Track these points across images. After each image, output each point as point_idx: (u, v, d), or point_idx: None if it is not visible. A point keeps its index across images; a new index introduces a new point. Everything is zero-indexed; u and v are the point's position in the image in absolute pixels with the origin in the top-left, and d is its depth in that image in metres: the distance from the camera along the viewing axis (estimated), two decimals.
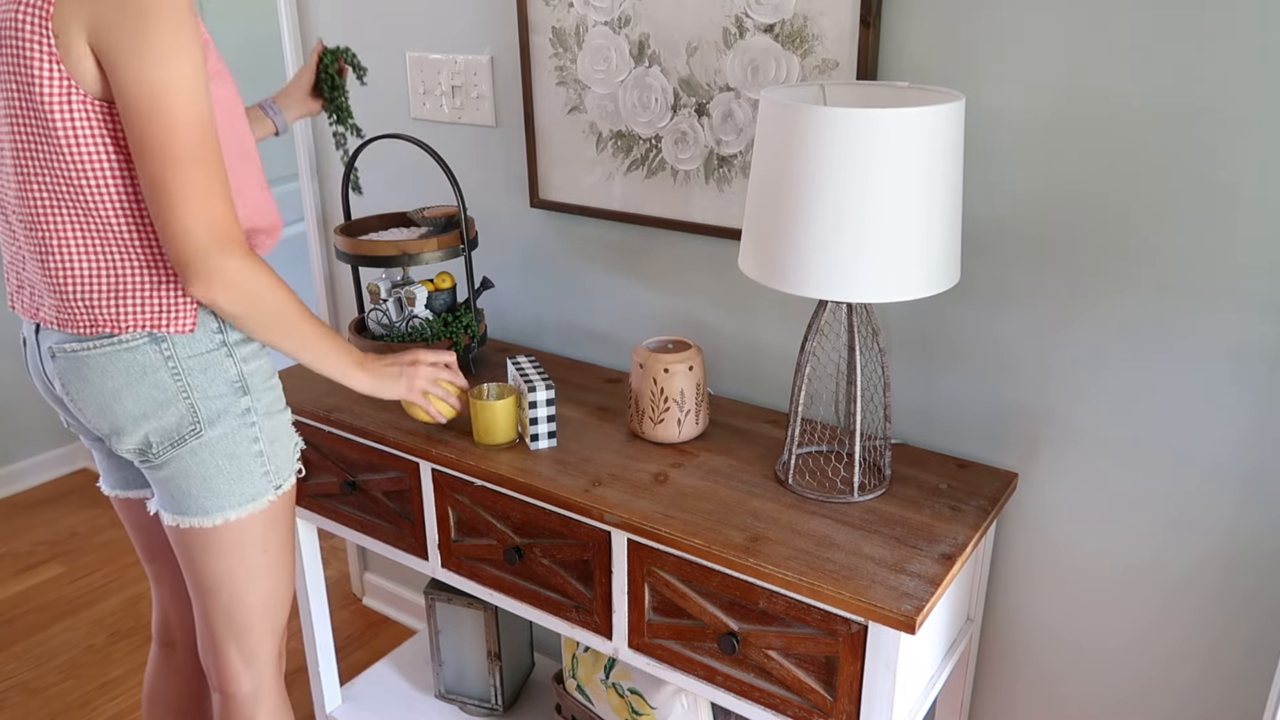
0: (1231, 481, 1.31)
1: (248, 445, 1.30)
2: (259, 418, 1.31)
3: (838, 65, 1.42)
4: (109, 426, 1.27)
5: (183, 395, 1.25)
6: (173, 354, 1.24)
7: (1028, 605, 1.53)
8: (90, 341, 1.23)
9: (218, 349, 1.27)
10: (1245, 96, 1.17)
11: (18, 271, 1.30)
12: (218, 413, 1.27)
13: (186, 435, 1.26)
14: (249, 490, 1.31)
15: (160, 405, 1.25)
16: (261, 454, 1.31)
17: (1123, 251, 1.30)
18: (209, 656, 1.43)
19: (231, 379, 1.28)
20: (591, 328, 1.87)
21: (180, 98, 1.10)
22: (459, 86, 1.87)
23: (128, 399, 1.25)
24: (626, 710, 1.70)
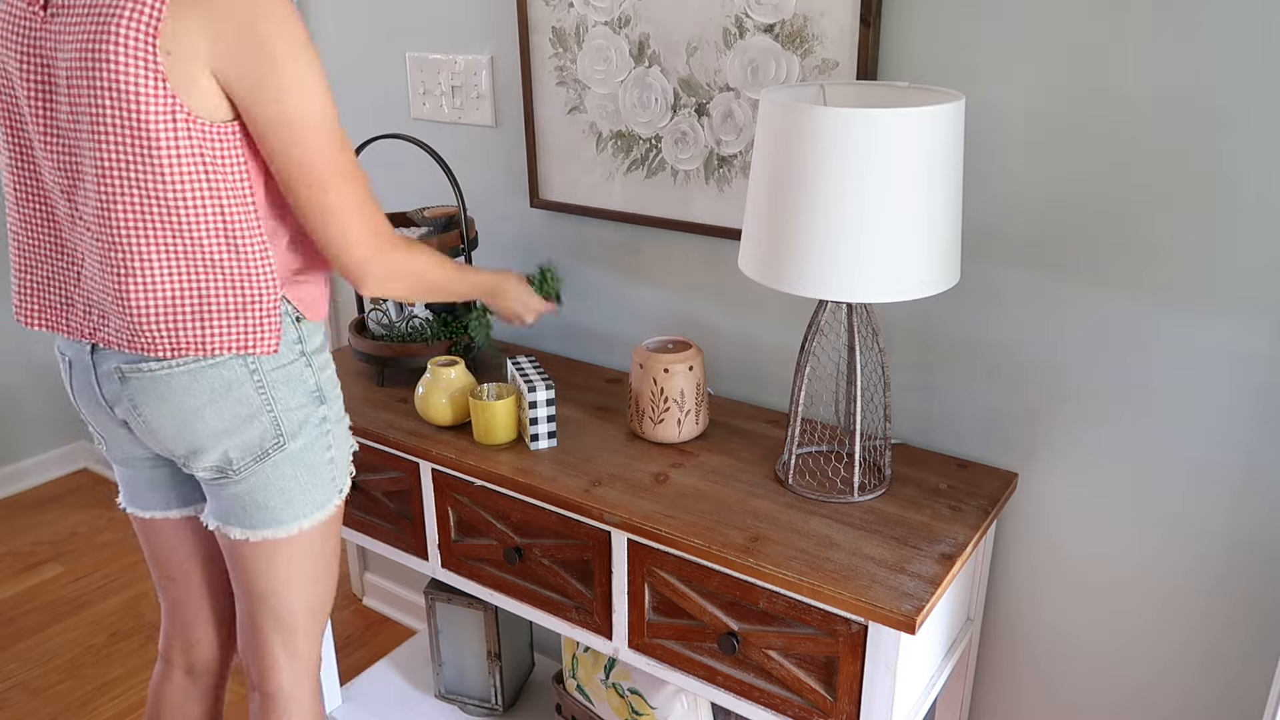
0: (1231, 481, 1.31)
1: (322, 454, 1.30)
2: (333, 425, 1.31)
3: (838, 65, 1.42)
4: (186, 447, 1.24)
5: (267, 409, 1.24)
6: (258, 368, 1.23)
7: (1028, 605, 1.53)
8: (172, 361, 1.20)
9: (297, 359, 1.26)
10: (1245, 96, 1.17)
11: (62, 286, 1.24)
12: (299, 424, 1.26)
13: (270, 449, 1.25)
14: (320, 498, 1.31)
15: (244, 420, 1.23)
16: (333, 461, 1.32)
17: (1123, 251, 1.30)
18: (250, 653, 1.42)
19: (310, 389, 1.28)
20: (591, 328, 1.87)
21: (322, 121, 1.13)
22: (459, 86, 1.87)
23: (210, 416, 1.22)
24: (626, 710, 1.70)
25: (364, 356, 1.72)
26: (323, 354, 1.31)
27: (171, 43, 1.07)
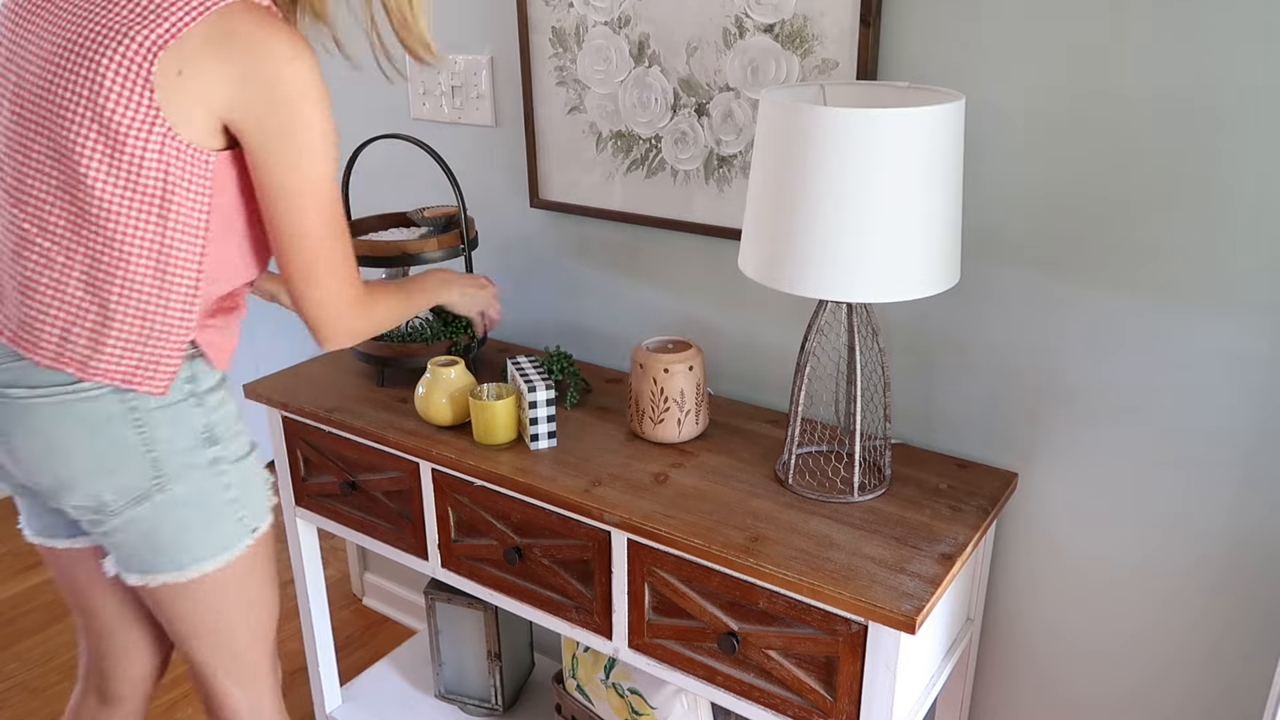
0: (1231, 481, 1.31)
1: (219, 494, 1.23)
2: (229, 465, 1.24)
3: (838, 65, 1.42)
4: (52, 480, 1.17)
5: (145, 450, 1.16)
6: (138, 405, 1.15)
7: (1028, 605, 1.53)
8: (41, 389, 1.13)
9: (185, 399, 1.19)
10: (1245, 97, 1.17)
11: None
12: (184, 466, 1.19)
13: (150, 491, 1.18)
14: (224, 539, 1.25)
15: (118, 461, 1.15)
16: (235, 500, 1.25)
17: (1123, 251, 1.30)
18: (201, 686, 1.39)
19: (198, 430, 1.20)
20: (591, 328, 1.87)
21: (324, 184, 1.14)
22: (459, 86, 1.87)
23: (80, 453, 1.14)
24: (626, 710, 1.70)
25: (364, 356, 1.72)
26: (217, 393, 1.24)
27: (185, 64, 1.05)
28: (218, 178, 1.12)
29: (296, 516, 1.83)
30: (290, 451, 1.77)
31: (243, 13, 1.07)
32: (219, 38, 1.05)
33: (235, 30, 1.06)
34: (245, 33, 1.06)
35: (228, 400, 1.26)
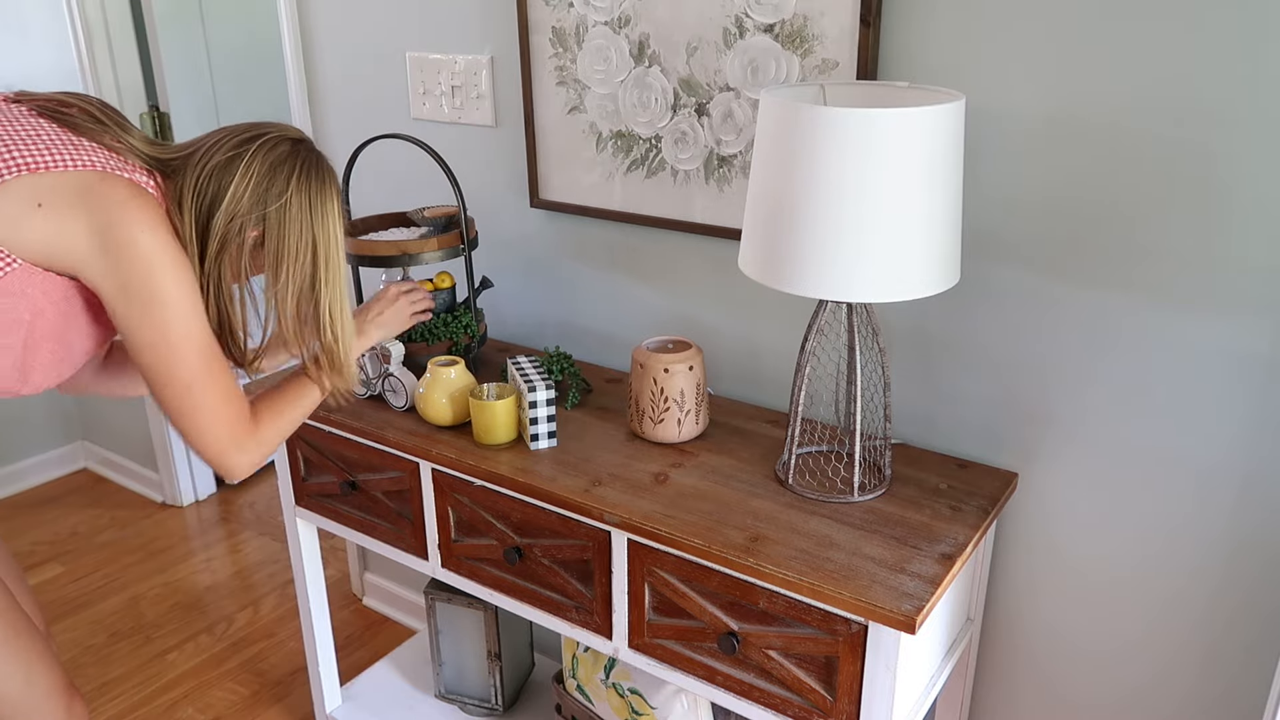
0: (1231, 481, 1.31)
1: None
2: None
3: (838, 65, 1.42)
4: None
5: None
6: None
7: (1028, 605, 1.53)
8: None
9: None
10: (1243, 98, 1.17)
11: None
12: None
13: None
14: None
15: None
16: None
17: (1121, 251, 1.30)
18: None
19: None
20: (591, 328, 1.87)
21: (184, 330, 1.18)
22: (459, 86, 1.87)
23: None
24: (626, 710, 1.70)
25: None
26: None
27: (47, 200, 1.12)
28: (9, 282, 1.15)
29: (296, 516, 1.83)
30: (290, 451, 1.77)
31: (121, 184, 1.17)
32: (90, 191, 1.14)
33: (106, 191, 1.15)
34: (114, 198, 1.15)
35: None
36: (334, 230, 1.30)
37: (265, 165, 1.24)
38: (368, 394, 1.68)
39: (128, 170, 1.19)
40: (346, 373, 1.39)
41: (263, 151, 1.25)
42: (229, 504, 3.08)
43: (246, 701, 2.24)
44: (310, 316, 1.32)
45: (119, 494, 3.15)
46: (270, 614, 2.55)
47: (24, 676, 1.35)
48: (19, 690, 1.35)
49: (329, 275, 1.30)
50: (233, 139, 1.25)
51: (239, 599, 2.61)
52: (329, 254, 1.30)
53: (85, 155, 1.17)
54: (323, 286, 1.30)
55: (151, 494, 3.12)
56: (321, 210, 1.28)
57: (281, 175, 1.25)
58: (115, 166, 1.18)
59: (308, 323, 1.32)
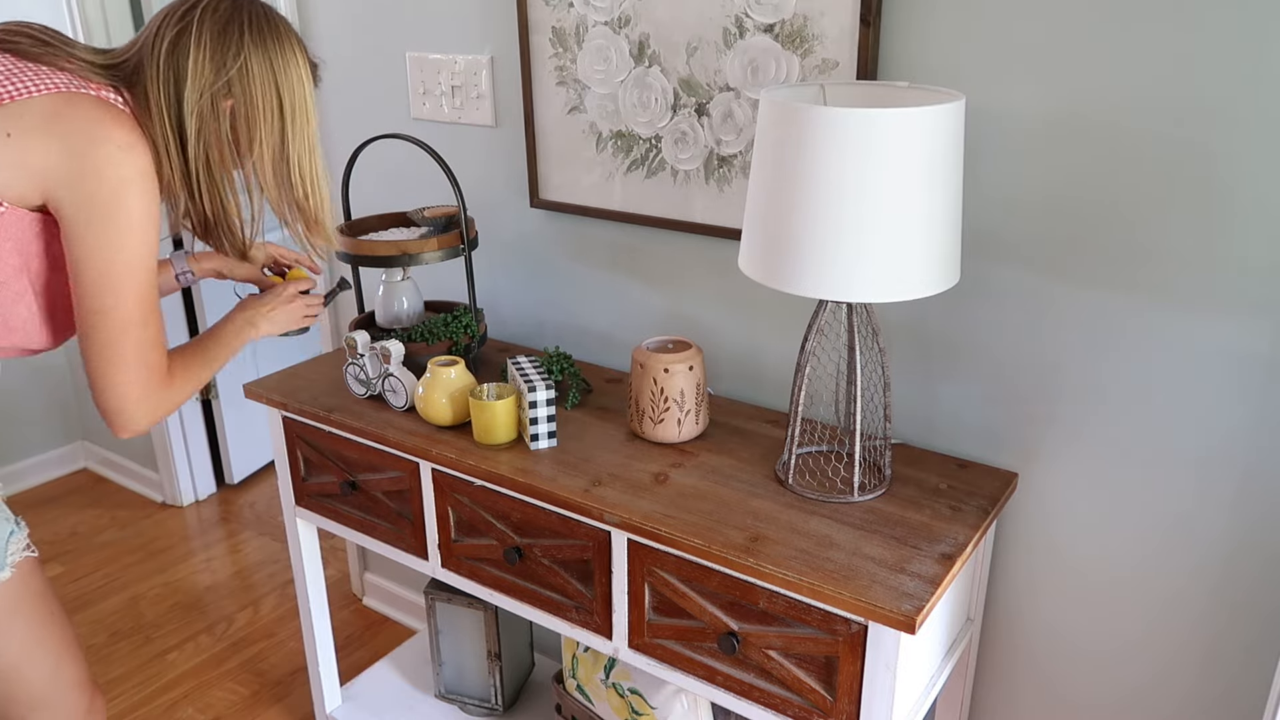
0: (1230, 481, 1.31)
1: None
2: None
3: (838, 65, 1.42)
4: None
5: None
6: None
7: (1028, 605, 1.53)
8: None
9: None
10: (1244, 97, 1.17)
11: None
12: None
13: None
14: None
15: None
16: None
17: (1122, 251, 1.30)
18: None
19: None
20: (591, 328, 1.87)
21: (132, 272, 1.15)
22: (459, 86, 1.87)
23: None
24: (626, 710, 1.70)
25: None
26: None
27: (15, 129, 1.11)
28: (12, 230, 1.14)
29: (296, 516, 1.83)
30: (290, 451, 1.77)
31: (86, 100, 1.14)
32: (58, 114, 1.12)
33: (75, 113, 1.13)
34: (85, 116, 1.13)
35: None
36: (296, 79, 1.26)
37: (214, 29, 1.20)
38: (367, 394, 1.68)
39: (92, 88, 1.17)
40: (324, 230, 1.36)
41: (208, 16, 1.21)
42: (229, 504, 3.08)
43: (246, 701, 2.24)
44: (284, 177, 1.29)
45: (119, 494, 3.15)
46: (270, 614, 2.55)
47: (52, 666, 1.35)
48: (45, 679, 1.34)
49: (296, 128, 1.27)
50: (174, 15, 1.22)
51: (239, 599, 2.61)
52: (295, 105, 1.26)
53: (45, 79, 1.15)
54: (292, 141, 1.27)
55: (151, 494, 3.12)
56: (282, 61, 1.24)
57: (234, 34, 1.21)
58: (77, 85, 1.16)
59: (284, 184, 1.29)
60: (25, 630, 1.30)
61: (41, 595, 1.33)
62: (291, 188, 1.29)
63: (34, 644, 1.32)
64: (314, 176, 1.31)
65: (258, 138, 1.24)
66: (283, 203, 1.32)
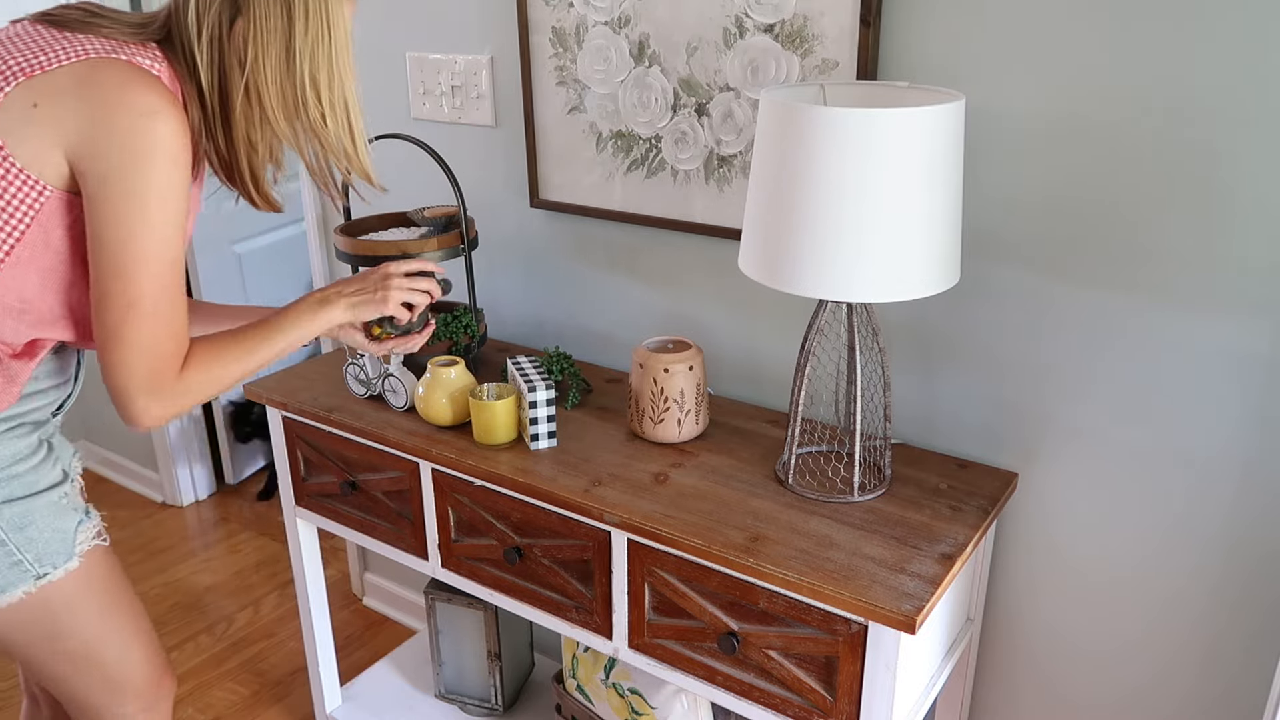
0: (1230, 480, 1.31)
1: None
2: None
3: (838, 65, 1.42)
4: None
5: None
6: None
7: (1028, 605, 1.53)
8: None
9: None
10: (1245, 97, 1.17)
11: None
12: None
13: None
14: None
15: None
16: (4, 543, 1.18)
17: (1122, 251, 1.30)
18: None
19: None
20: (591, 328, 1.87)
21: (153, 247, 1.08)
22: (459, 86, 1.87)
23: None
24: (626, 710, 1.70)
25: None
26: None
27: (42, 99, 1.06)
28: (47, 211, 1.10)
29: (296, 516, 1.83)
30: (290, 451, 1.77)
31: (115, 65, 1.08)
32: (84, 81, 1.07)
33: (102, 79, 1.07)
34: (111, 81, 1.07)
35: (4, 443, 1.19)
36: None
37: None
38: (367, 394, 1.68)
39: (125, 53, 1.10)
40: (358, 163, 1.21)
41: None
42: (229, 504, 3.08)
43: (246, 701, 2.24)
44: (292, 97, 1.15)
45: (119, 494, 3.15)
46: (270, 614, 2.55)
47: (120, 650, 1.34)
48: (114, 663, 1.33)
49: (309, 39, 1.13)
50: None
51: (239, 599, 2.61)
52: (309, 14, 1.13)
53: (76, 47, 1.09)
54: (302, 53, 1.13)
55: (151, 494, 3.12)
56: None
57: None
58: (109, 50, 1.09)
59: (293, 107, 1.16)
60: (95, 617, 1.30)
61: (111, 582, 1.32)
62: (302, 108, 1.15)
63: (103, 630, 1.31)
64: (333, 98, 1.17)
65: (259, 50, 1.12)
66: (298, 135, 1.18)
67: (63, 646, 1.27)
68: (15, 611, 1.22)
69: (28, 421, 1.23)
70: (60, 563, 1.23)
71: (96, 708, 1.35)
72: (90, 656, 1.30)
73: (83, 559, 1.26)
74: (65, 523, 1.24)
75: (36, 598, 1.22)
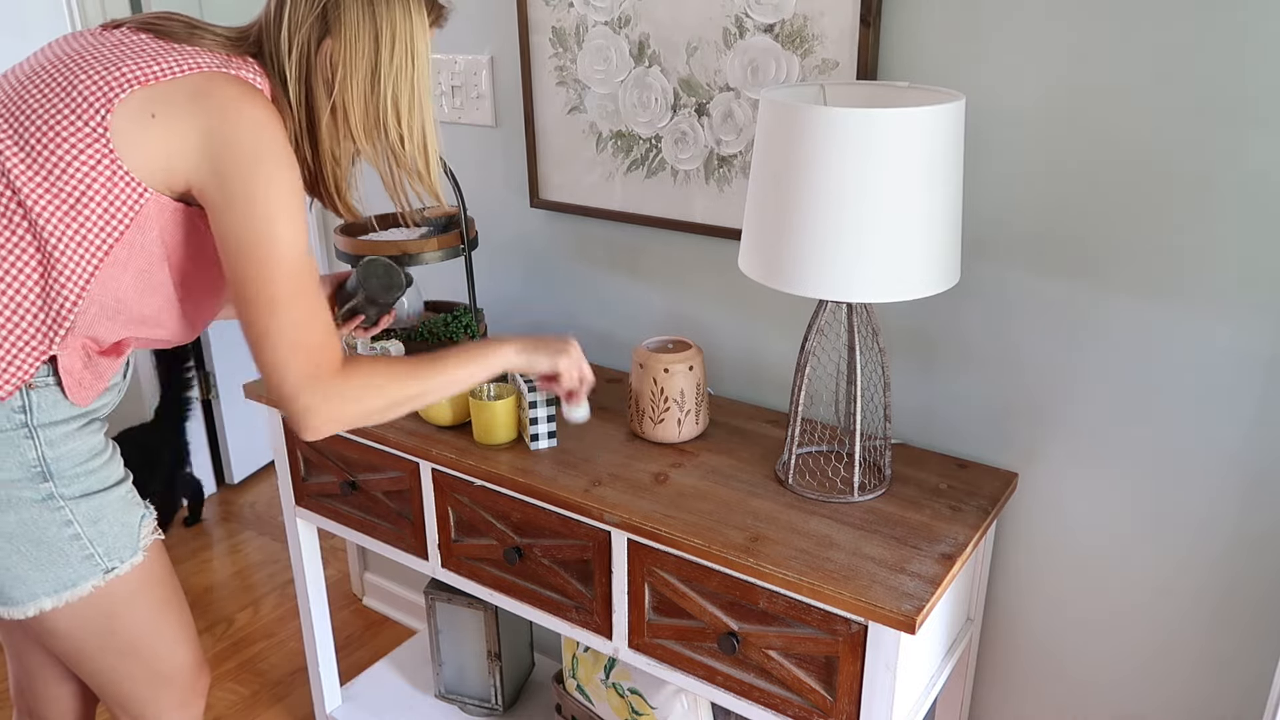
0: (1231, 481, 1.31)
1: (58, 530, 1.18)
2: (68, 502, 1.18)
3: (838, 65, 1.42)
4: None
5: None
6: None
7: (1028, 605, 1.53)
8: None
9: (16, 430, 1.14)
10: (1245, 97, 1.17)
11: None
12: (8, 499, 1.15)
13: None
14: (66, 576, 1.19)
15: None
16: (79, 537, 1.19)
17: (1122, 251, 1.30)
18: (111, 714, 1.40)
19: (29, 463, 1.15)
20: (591, 328, 1.87)
21: (283, 246, 1.10)
22: (459, 86, 1.87)
23: None
24: (626, 710, 1.70)
25: None
26: (60, 428, 1.18)
27: (160, 109, 1.09)
28: (145, 213, 1.11)
29: (296, 516, 1.83)
30: (290, 451, 1.77)
31: (228, 80, 1.13)
32: (202, 93, 1.11)
33: (214, 92, 1.11)
34: (227, 95, 1.11)
35: (76, 438, 1.20)
36: (401, 14, 1.17)
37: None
38: None
39: (233, 68, 1.15)
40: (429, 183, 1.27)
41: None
42: (229, 504, 3.08)
43: (246, 701, 2.24)
44: (375, 118, 1.20)
45: None
46: (270, 614, 2.55)
47: (169, 646, 1.35)
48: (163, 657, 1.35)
49: (394, 64, 1.18)
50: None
51: (239, 599, 2.61)
52: (395, 39, 1.17)
53: (190, 59, 1.13)
54: (386, 78, 1.18)
55: None
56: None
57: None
58: (220, 65, 1.14)
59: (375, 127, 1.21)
60: (151, 612, 1.31)
61: (166, 577, 1.34)
62: (384, 130, 1.21)
63: (155, 624, 1.33)
64: (412, 122, 1.22)
65: (348, 72, 1.17)
66: (377, 153, 1.23)
67: (115, 642, 1.29)
68: (78, 606, 1.23)
69: (99, 418, 1.26)
70: (127, 556, 1.25)
71: (141, 702, 1.36)
72: (140, 651, 1.32)
73: (145, 552, 1.28)
74: (132, 517, 1.26)
75: (102, 591, 1.24)
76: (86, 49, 1.14)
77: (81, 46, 1.15)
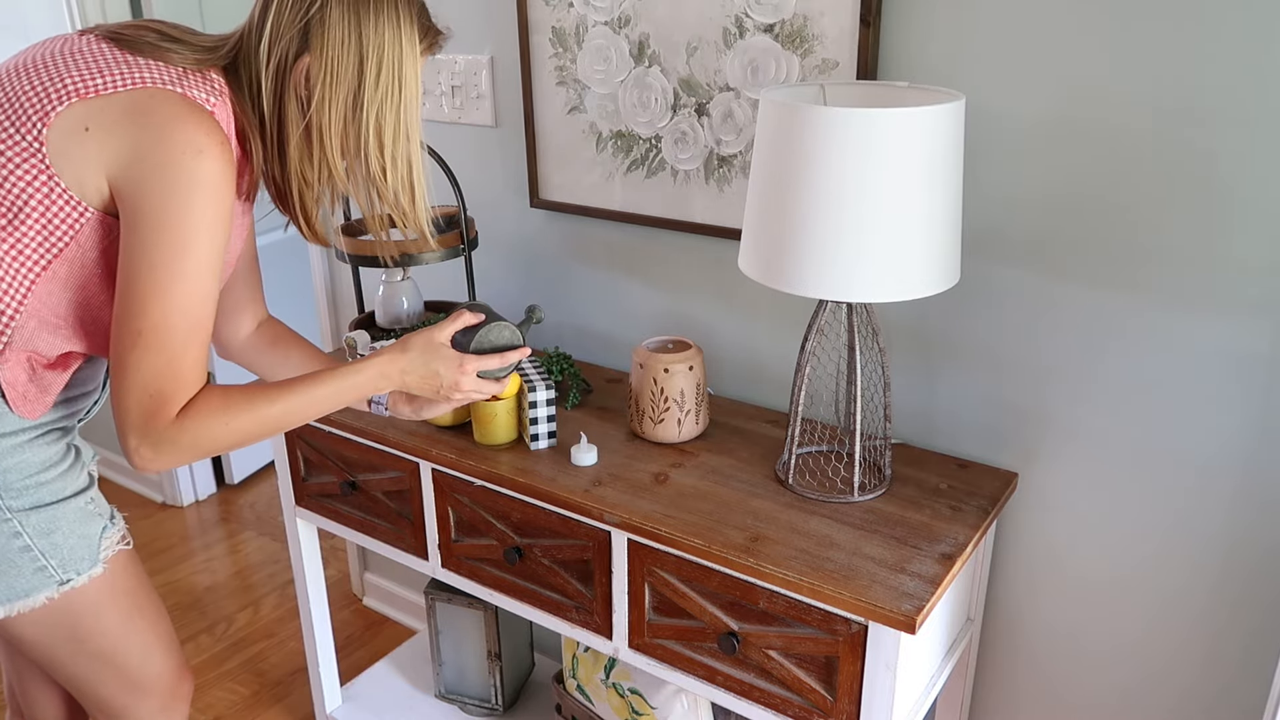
0: (1230, 480, 1.31)
1: (6, 541, 1.16)
2: (16, 514, 1.16)
3: (838, 65, 1.42)
4: None
5: None
6: None
7: (1028, 605, 1.53)
8: None
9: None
10: (1245, 97, 1.17)
11: None
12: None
13: None
14: (18, 586, 1.18)
15: None
16: (29, 549, 1.18)
17: (1122, 251, 1.30)
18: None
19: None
20: (591, 328, 1.87)
21: (177, 281, 1.05)
22: (459, 86, 1.87)
23: None
24: (626, 710, 1.70)
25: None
26: (6, 440, 1.16)
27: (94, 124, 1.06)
28: (85, 231, 1.09)
29: (296, 516, 1.83)
30: (290, 451, 1.77)
31: (169, 98, 1.07)
32: (138, 110, 1.06)
33: (154, 109, 1.06)
34: (163, 114, 1.06)
35: (31, 450, 1.18)
36: (390, 39, 1.11)
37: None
38: None
39: (186, 85, 1.09)
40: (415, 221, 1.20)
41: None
42: (229, 504, 3.08)
43: (246, 701, 2.24)
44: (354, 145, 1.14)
45: (119, 494, 3.15)
46: (270, 614, 2.55)
47: (141, 655, 1.33)
48: (135, 667, 1.34)
49: (380, 91, 1.12)
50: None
51: (239, 599, 2.61)
52: (381, 64, 1.11)
53: (137, 73, 1.08)
54: (369, 104, 1.12)
55: (151, 494, 3.12)
56: (373, 13, 1.11)
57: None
58: (169, 81, 1.08)
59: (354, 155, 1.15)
60: (118, 621, 1.30)
61: (134, 586, 1.32)
62: (365, 159, 1.15)
63: (126, 634, 1.31)
64: (396, 153, 1.16)
65: (326, 93, 1.11)
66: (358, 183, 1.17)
67: (85, 649, 1.28)
68: (38, 615, 1.22)
69: (57, 428, 1.24)
70: (85, 569, 1.23)
71: (118, 708, 1.35)
72: (113, 659, 1.31)
73: (107, 565, 1.26)
74: (90, 529, 1.24)
75: (60, 603, 1.22)
76: (42, 58, 1.12)
77: (40, 54, 1.12)
